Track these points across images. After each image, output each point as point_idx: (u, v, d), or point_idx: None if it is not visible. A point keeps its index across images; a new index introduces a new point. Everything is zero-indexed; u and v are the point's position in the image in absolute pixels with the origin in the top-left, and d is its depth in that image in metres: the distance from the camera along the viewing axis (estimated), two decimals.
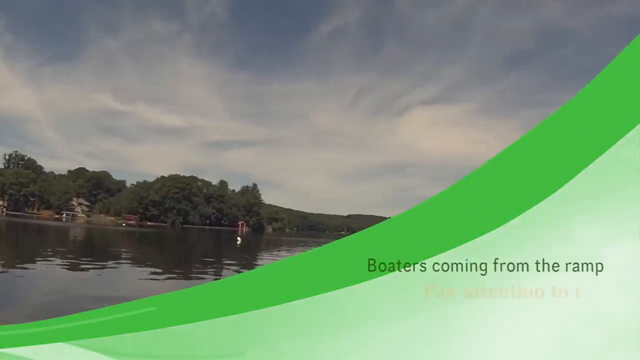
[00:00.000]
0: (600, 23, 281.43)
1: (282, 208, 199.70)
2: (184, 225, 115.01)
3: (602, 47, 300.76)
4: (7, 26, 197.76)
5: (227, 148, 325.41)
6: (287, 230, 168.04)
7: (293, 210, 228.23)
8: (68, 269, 12.38)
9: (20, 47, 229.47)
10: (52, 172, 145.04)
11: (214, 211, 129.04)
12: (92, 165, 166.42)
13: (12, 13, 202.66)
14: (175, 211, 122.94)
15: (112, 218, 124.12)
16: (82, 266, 12.68)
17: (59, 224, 50.19)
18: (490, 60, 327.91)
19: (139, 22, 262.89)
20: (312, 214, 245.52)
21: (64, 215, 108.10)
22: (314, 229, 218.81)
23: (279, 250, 21.23)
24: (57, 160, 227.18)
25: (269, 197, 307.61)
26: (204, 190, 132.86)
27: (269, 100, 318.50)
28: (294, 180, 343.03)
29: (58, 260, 13.50)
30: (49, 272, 11.15)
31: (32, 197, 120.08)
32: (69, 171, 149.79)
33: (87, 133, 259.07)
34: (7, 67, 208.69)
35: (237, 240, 25.14)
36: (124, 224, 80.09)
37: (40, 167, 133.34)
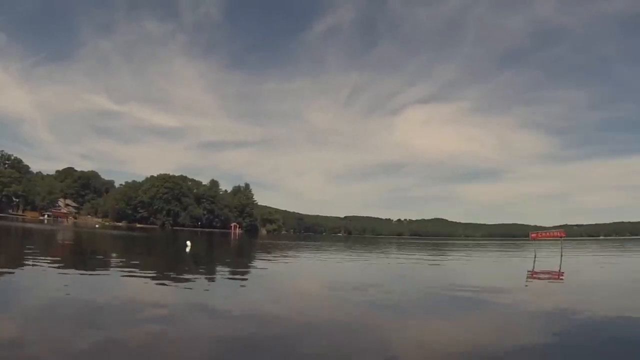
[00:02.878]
0: (593, 21, 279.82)
1: (278, 209, 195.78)
2: (174, 227, 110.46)
3: (595, 45, 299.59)
4: (1, 27, 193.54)
5: (222, 148, 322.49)
6: (284, 232, 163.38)
7: (289, 211, 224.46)
8: None
9: (15, 48, 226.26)
10: (40, 172, 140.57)
11: (205, 212, 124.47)
12: (87, 167, 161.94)
13: (6, 14, 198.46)
14: (164, 212, 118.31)
15: (100, 220, 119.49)
16: None
17: (35, 226, 45.66)
18: (483, 59, 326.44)
19: (133, 22, 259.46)
20: (308, 215, 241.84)
21: (45, 216, 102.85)
22: (311, 231, 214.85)
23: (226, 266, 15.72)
24: (53, 161, 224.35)
25: (264, 198, 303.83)
26: (195, 190, 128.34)
27: (264, 100, 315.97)
28: (290, 181, 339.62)
29: None
30: None
31: (15, 198, 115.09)
32: (57, 171, 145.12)
33: (81, 134, 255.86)
34: (1, 68, 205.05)
35: (187, 245, 20.32)
36: (97, 225, 75.09)
37: (27, 167, 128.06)
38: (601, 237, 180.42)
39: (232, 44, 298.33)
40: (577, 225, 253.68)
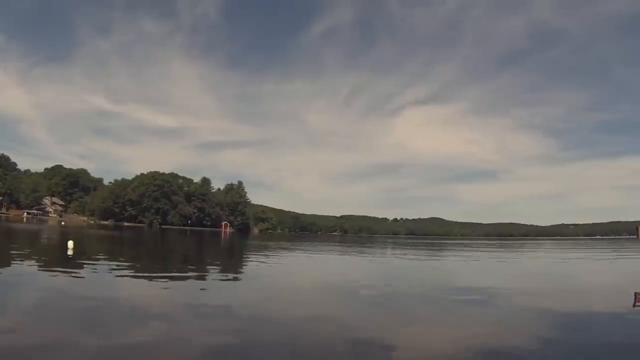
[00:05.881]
0: (592, 22, 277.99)
1: (274, 208, 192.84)
2: (163, 226, 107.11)
3: (594, 46, 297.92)
4: (0, 27, 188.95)
5: (221, 149, 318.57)
6: (279, 231, 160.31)
7: (285, 210, 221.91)
8: None
9: (13, 48, 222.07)
10: (28, 169, 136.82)
11: (195, 211, 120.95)
12: (86, 167, 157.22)
13: (4, 14, 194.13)
14: (153, 211, 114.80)
15: (85, 218, 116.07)
16: None
17: (13, 225, 42.37)
18: (482, 60, 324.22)
19: (131, 22, 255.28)
20: (304, 214, 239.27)
21: (25, 214, 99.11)
22: (307, 230, 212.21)
23: None
24: (51, 162, 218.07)
25: (263, 198, 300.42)
26: (185, 188, 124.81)
27: (262, 100, 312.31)
28: (288, 181, 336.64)
29: None
30: None
31: None
32: (46, 169, 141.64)
33: (79, 134, 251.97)
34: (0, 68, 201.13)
35: (68, 246, 16.63)
36: (62, 223, 71.63)
37: (14, 164, 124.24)
38: (597, 237, 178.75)
39: (231, 45, 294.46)
40: (573, 225, 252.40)
